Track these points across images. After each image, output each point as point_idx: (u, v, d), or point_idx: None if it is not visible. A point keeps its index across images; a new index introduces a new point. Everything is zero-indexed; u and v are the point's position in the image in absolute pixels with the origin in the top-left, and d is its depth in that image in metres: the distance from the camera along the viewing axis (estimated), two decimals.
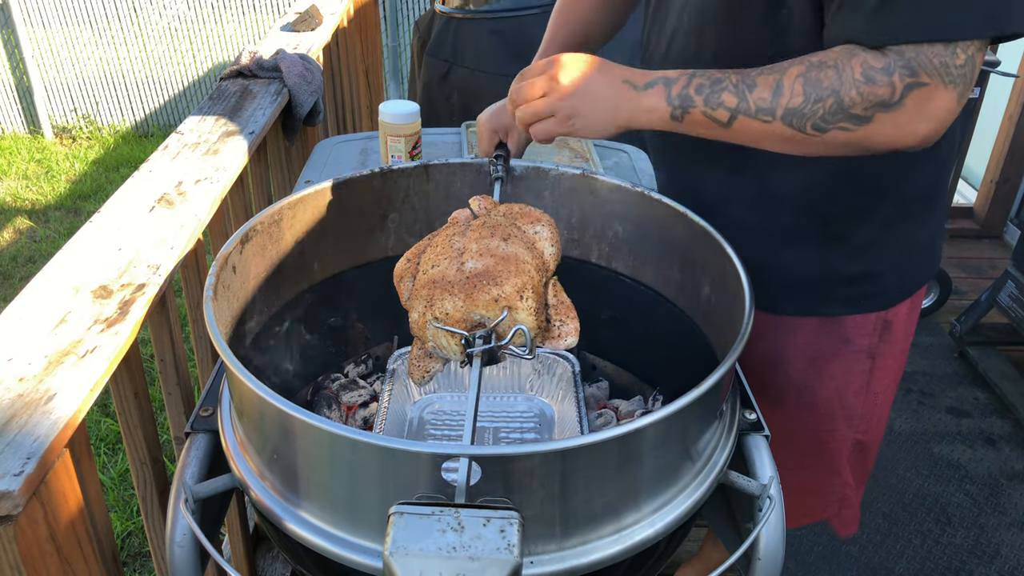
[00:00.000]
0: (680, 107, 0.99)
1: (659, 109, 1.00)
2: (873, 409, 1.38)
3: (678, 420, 0.85)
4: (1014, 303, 2.74)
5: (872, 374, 1.34)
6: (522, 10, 2.48)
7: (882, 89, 0.90)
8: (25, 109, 5.58)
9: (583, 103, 1.02)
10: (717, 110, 0.97)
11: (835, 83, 0.92)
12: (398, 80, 4.86)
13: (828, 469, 1.43)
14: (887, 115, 0.91)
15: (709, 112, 0.97)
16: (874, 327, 1.29)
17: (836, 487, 1.45)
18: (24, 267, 3.85)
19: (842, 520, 1.50)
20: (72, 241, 1.27)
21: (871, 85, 0.90)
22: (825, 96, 0.92)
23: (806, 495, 1.46)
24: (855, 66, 0.91)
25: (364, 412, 1.34)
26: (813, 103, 0.93)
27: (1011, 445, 2.61)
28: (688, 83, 0.98)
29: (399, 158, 1.63)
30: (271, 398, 0.82)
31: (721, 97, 0.97)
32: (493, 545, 0.68)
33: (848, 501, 1.47)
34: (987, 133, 3.69)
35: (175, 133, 1.71)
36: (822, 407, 1.36)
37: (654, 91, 1.00)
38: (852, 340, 1.30)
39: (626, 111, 1.02)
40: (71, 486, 0.94)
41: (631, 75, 1.02)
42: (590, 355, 1.46)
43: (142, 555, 2.26)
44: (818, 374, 1.33)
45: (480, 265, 0.94)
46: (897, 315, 1.28)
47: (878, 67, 0.90)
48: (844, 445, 1.40)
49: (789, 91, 0.94)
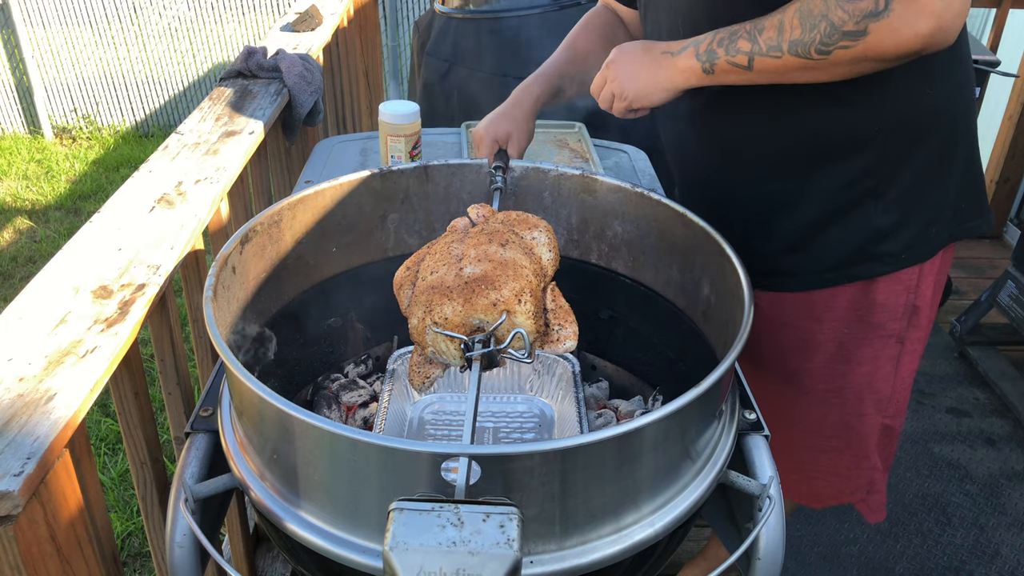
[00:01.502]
0: (708, 60, 1.13)
1: (692, 67, 1.15)
2: (900, 394, 1.41)
3: (678, 420, 0.85)
4: (1014, 303, 2.74)
5: (901, 359, 1.36)
6: (522, 10, 2.48)
7: (865, 2, 0.96)
8: (25, 109, 5.58)
9: (632, 80, 1.22)
10: (736, 56, 1.10)
11: (822, 8, 1.00)
12: (398, 80, 4.86)
13: (857, 453, 1.45)
14: (879, 23, 0.97)
15: (731, 59, 1.10)
16: (903, 311, 1.31)
17: (865, 471, 1.47)
18: (24, 267, 3.85)
19: (870, 506, 1.53)
20: (72, 241, 1.27)
21: (854, 1, 0.97)
22: (818, 22, 1.01)
23: (834, 477, 1.49)
24: None
25: (364, 412, 1.34)
26: (810, 31, 1.02)
27: (1011, 445, 2.61)
28: (712, 39, 1.12)
29: (399, 158, 1.63)
30: (271, 398, 0.82)
31: (738, 44, 1.09)
32: (493, 540, 0.68)
33: (876, 486, 1.50)
34: (987, 133, 3.69)
35: (175, 133, 1.71)
36: (852, 392, 1.38)
37: (686, 53, 1.15)
38: (881, 325, 1.31)
39: (666, 75, 1.18)
40: (71, 486, 0.94)
41: (668, 46, 1.19)
42: (590, 355, 1.46)
43: (142, 555, 2.26)
44: (847, 360, 1.35)
45: (478, 270, 0.95)
46: (923, 299, 1.31)
47: None
48: (873, 430, 1.42)
49: (789, 26, 1.04)
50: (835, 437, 1.43)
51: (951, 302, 3.25)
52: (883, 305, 1.30)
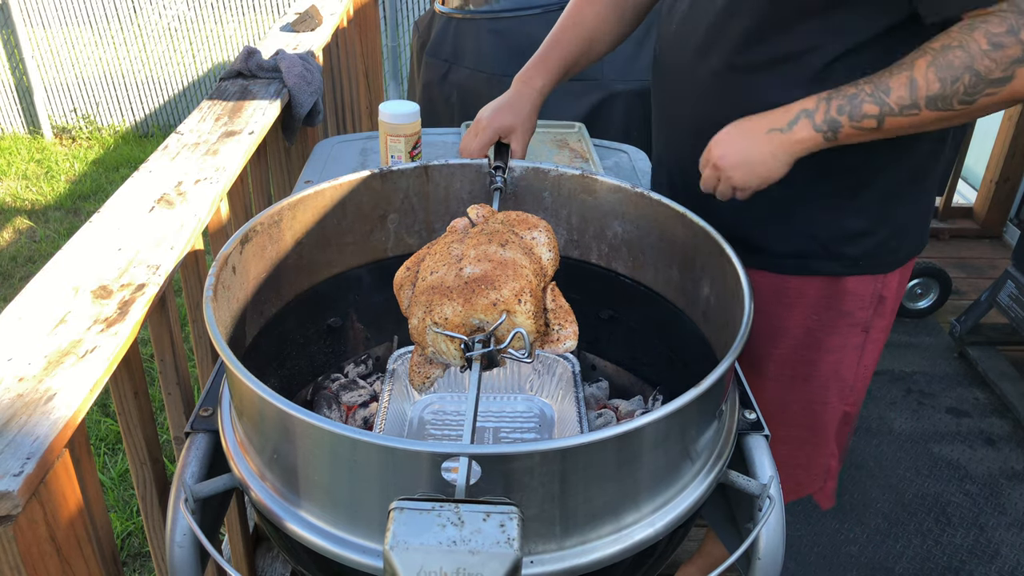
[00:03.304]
0: (830, 130, 1.08)
1: (810, 139, 1.10)
2: (862, 382, 1.44)
3: (678, 419, 0.85)
4: (1014, 303, 2.74)
5: (864, 347, 1.39)
6: (522, 10, 2.49)
7: (1012, 49, 0.96)
8: (25, 109, 5.58)
9: (747, 170, 1.15)
10: (863, 120, 1.06)
11: (965, 60, 0.98)
12: (398, 80, 4.86)
13: (818, 441, 1.48)
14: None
15: (857, 125, 1.07)
16: (870, 300, 1.33)
17: (824, 458, 1.50)
18: (24, 267, 3.85)
19: (825, 493, 1.55)
20: (72, 241, 1.27)
21: (1001, 50, 0.96)
22: (960, 74, 0.99)
23: (796, 469, 1.51)
24: (979, 39, 0.97)
25: (364, 412, 1.34)
26: (952, 84, 1.00)
27: (1011, 445, 2.61)
28: (828, 107, 1.08)
29: (399, 158, 1.63)
30: (271, 398, 0.82)
31: (863, 110, 1.05)
32: (493, 539, 0.68)
33: (832, 472, 1.53)
34: (987, 133, 3.69)
35: (175, 133, 1.71)
36: (818, 380, 1.40)
37: (799, 126, 1.10)
38: (850, 313, 1.34)
39: (783, 153, 1.12)
40: (71, 486, 0.94)
41: (771, 122, 1.12)
42: (590, 355, 1.46)
43: (142, 555, 2.26)
44: (817, 347, 1.37)
45: (478, 270, 0.95)
46: (889, 289, 1.33)
47: (1002, 31, 0.96)
48: (834, 417, 1.45)
49: (924, 82, 1.01)
50: (796, 426, 1.46)
51: (951, 302, 3.25)
52: (853, 293, 1.32)
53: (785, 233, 1.29)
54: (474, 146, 1.39)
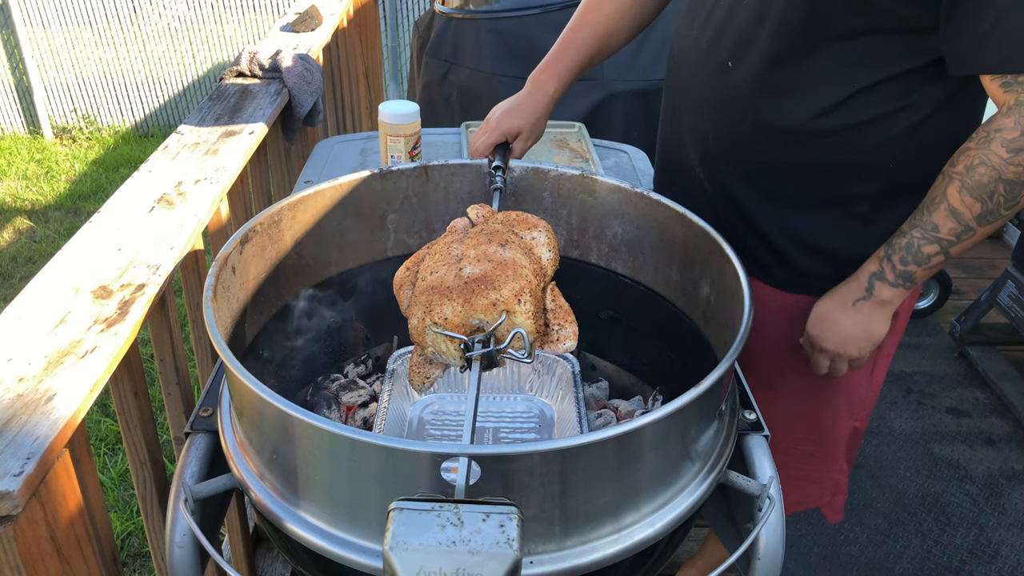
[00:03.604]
0: (907, 281, 1.15)
1: (895, 294, 1.17)
2: (872, 397, 1.43)
3: (678, 420, 0.85)
4: (1014, 303, 2.74)
5: (876, 363, 1.38)
6: (522, 10, 2.49)
7: None
8: (25, 109, 5.57)
9: (851, 343, 1.22)
10: (932, 260, 1.12)
11: (992, 174, 1.02)
12: (398, 80, 4.86)
13: (828, 456, 1.47)
14: None
15: (927, 267, 1.13)
16: None
17: (833, 473, 1.49)
18: (24, 267, 3.85)
19: (833, 507, 1.55)
20: (72, 241, 1.27)
21: (1021, 153, 1.00)
22: (994, 187, 1.03)
23: (804, 482, 1.50)
24: (998, 151, 1.01)
25: (364, 412, 1.34)
26: (991, 199, 1.04)
27: (1011, 445, 2.61)
28: (892, 265, 1.15)
29: (399, 158, 1.63)
30: (271, 398, 0.82)
31: (924, 252, 1.12)
32: (493, 539, 0.68)
33: (841, 487, 1.52)
34: None
35: (175, 133, 1.71)
36: (830, 396, 1.39)
37: (879, 288, 1.17)
38: None
39: (878, 319, 1.20)
40: (71, 486, 0.94)
41: (851, 293, 1.20)
42: (590, 355, 1.46)
43: (142, 555, 2.26)
44: None
45: (478, 270, 0.95)
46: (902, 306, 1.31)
47: (1016, 133, 0.99)
48: (844, 432, 1.44)
49: (964, 207, 1.06)
50: (806, 440, 1.45)
51: (951, 302, 3.25)
52: None
53: (800, 256, 1.29)
54: (479, 144, 1.40)
